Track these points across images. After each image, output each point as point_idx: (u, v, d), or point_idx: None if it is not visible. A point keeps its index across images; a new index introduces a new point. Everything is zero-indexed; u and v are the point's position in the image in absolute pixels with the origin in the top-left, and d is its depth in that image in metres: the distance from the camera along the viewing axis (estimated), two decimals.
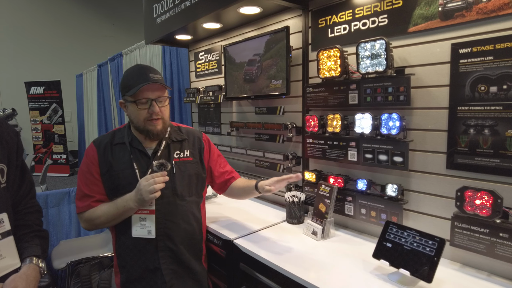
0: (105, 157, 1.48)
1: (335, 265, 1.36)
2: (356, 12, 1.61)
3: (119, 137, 1.53)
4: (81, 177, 1.49)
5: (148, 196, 1.33)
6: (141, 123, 1.44)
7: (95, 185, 1.47)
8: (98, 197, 1.47)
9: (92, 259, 2.38)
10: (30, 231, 1.26)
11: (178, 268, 1.50)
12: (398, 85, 1.41)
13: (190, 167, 1.57)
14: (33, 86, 7.80)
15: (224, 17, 2.14)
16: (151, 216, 1.45)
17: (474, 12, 1.23)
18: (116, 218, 1.43)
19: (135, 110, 1.42)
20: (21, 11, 8.55)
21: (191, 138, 1.64)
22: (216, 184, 1.73)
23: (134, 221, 1.45)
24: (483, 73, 1.21)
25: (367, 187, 1.58)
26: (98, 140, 1.54)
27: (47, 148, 7.98)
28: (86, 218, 1.46)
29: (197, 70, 2.89)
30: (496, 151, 1.20)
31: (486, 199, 1.18)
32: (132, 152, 1.48)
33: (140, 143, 1.51)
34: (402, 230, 1.28)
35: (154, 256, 1.46)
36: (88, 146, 1.53)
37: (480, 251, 1.22)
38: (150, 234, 1.44)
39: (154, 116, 1.42)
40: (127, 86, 1.42)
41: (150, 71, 1.42)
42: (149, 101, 1.41)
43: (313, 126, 1.77)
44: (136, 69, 1.45)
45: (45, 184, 4.91)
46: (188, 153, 1.59)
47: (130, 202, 1.39)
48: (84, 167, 1.49)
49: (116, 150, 1.50)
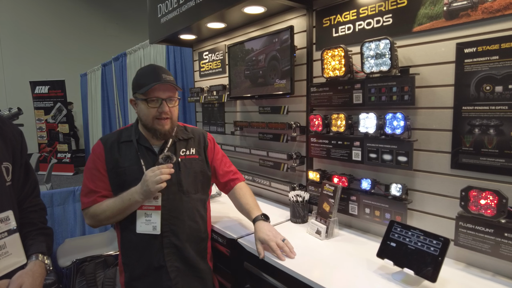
0: (111, 154, 1.49)
1: (339, 264, 1.36)
2: (361, 11, 1.61)
3: (126, 135, 1.55)
4: (87, 174, 1.51)
5: (154, 186, 1.35)
6: (149, 122, 1.46)
7: (101, 181, 1.48)
8: (103, 193, 1.48)
9: (97, 258, 2.40)
10: (35, 229, 1.27)
11: (183, 266, 1.49)
12: (403, 85, 1.41)
13: (196, 164, 1.59)
14: (38, 86, 7.86)
15: (228, 17, 2.14)
16: (157, 212, 1.45)
17: (480, 11, 1.23)
18: (121, 213, 1.44)
19: (145, 108, 1.45)
20: (26, 12, 8.61)
21: (196, 137, 1.66)
22: (221, 183, 1.74)
23: (138, 216, 1.45)
24: (488, 73, 1.20)
25: (371, 187, 1.58)
26: (105, 138, 1.56)
27: (51, 147, 8.04)
28: (91, 213, 1.46)
29: (201, 70, 2.90)
30: (501, 151, 1.19)
31: (491, 199, 1.18)
32: (139, 149, 1.50)
33: (147, 141, 1.53)
34: (407, 230, 1.28)
35: (159, 253, 1.46)
36: (94, 144, 1.55)
37: (484, 251, 1.22)
38: (155, 230, 1.44)
39: (163, 115, 1.45)
40: (139, 84, 1.45)
41: (163, 71, 1.46)
42: (160, 100, 1.43)
43: (317, 125, 1.77)
44: (150, 69, 1.48)
45: (50, 183, 4.95)
46: (193, 151, 1.61)
47: (135, 195, 1.39)
48: (91, 164, 1.51)
49: (123, 148, 1.52)
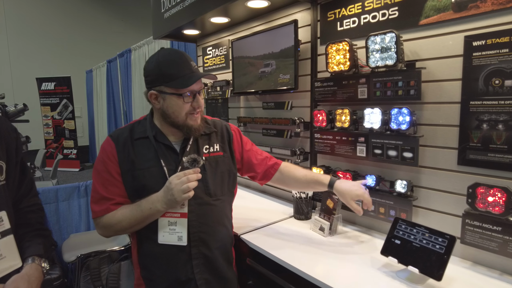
0: (125, 154, 1.28)
1: (342, 262, 1.35)
2: (366, 4, 1.58)
3: (140, 130, 1.33)
4: (97, 177, 1.28)
5: (180, 196, 1.17)
6: (182, 118, 1.26)
7: (115, 186, 1.27)
8: (118, 200, 1.27)
9: (101, 253, 2.41)
10: (31, 230, 1.20)
11: (212, 278, 1.32)
12: (409, 79, 1.38)
13: (222, 163, 1.40)
14: (44, 82, 7.92)
15: (231, 11, 2.12)
16: (183, 220, 1.25)
17: (489, 2, 1.19)
18: (140, 223, 1.24)
19: (178, 103, 1.24)
20: (33, 9, 8.66)
21: (219, 130, 1.45)
22: (259, 174, 1.54)
23: (161, 225, 1.25)
24: (497, 66, 1.17)
25: (376, 183, 1.55)
26: (115, 134, 1.32)
27: (58, 143, 8.11)
28: (104, 223, 1.26)
29: (205, 65, 2.89)
30: (511, 147, 1.16)
31: (499, 196, 1.15)
32: (157, 148, 1.30)
33: (166, 137, 1.32)
34: (411, 227, 1.25)
35: (187, 265, 1.28)
36: (104, 141, 1.33)
37: (492, 249, 1.19)
38: (181, 241, 1.25)
39: (198, 109, 1.29)
40: (168, 75, 1.21)
41: (190, 59, 1.27)
42: (194, 93, 1.26)
43: (321, 121, 1.75)
44: (177, 57, 1.24)
45: (56, 179, 4.99)
46: (218, 147, 1.41)
47: (157, 204, 1.21)
48: (101, 165, 1.28)
49: (138, 146, 1.30)
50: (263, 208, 2.03)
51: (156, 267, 1.29)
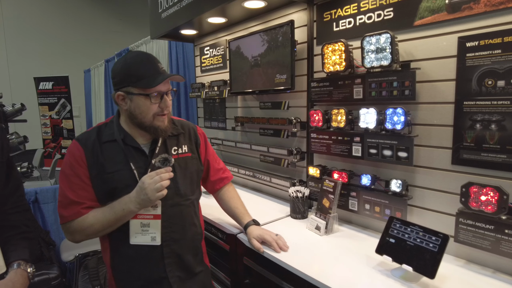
0: (94, 158, 1.26)
1: (338, 260, 1.36)
2: (362, 5, 1.59)
3: (107, 133, 1.31)
4: (65, 181, 1.25)
5: (154, 195, 1.19)
6: (149, 119, 1.26)
7: (84, 190, 1.25)
8: (88, 204, 1.25)
9: (99, 252, 2.42)
10: (17, 233, 1.17)
11: (184, 274, 1.36)
12: (404, 80, 1.39)
13: (191, 163, 1.43)
14: (42, 82, 7.90)
15: (228, 11, 2.13)
16: (156, 222, 1.27)
17: (482, 4, 1.20)
18: (112, 225, 1.24)
19: (145, 104, 1.24)
20: (31, 8, 8.63)
21: (186, 132, 1.47)
22: (210, 182, 1.61)
23: (133, 227, 1.27)
24: (490, 67, 1.18)
25: (371, 183, 1.57)
26: (83, 137, 1.30)
27: (56, 143, 8.10)
28: (75, 228, 1.23)
29: (203, 65, 2.89)
30: (503, 147, 1.18)
31: (491, 195, 1.17)
32: (126, 151, 1.28)
33: (134, 140, 1.31)
34: (406, 226, 1.27)
35: (159, 264, 1.30)
36: (70, 145, 1.29)
37: (485, 247, 1.21)
38: (155, 241, 1.27)
39: (166, 110, 1.29)
40: (134, 76, 1.21)
41: (157, 60, 1.28)
42: (161, 94, 1.26)
43: (317, 121, 1.76)
44: (144, 58, 1.26)
45: (54, 178, 5.00)
46: (186, 148, 1.43)
47: (130, 205, 1.21)
48: (69, 170, 1.25)
49: (107, 149, 1.28)
50: (259, 207, 2.04)
51: (128, 268, 1.30)
